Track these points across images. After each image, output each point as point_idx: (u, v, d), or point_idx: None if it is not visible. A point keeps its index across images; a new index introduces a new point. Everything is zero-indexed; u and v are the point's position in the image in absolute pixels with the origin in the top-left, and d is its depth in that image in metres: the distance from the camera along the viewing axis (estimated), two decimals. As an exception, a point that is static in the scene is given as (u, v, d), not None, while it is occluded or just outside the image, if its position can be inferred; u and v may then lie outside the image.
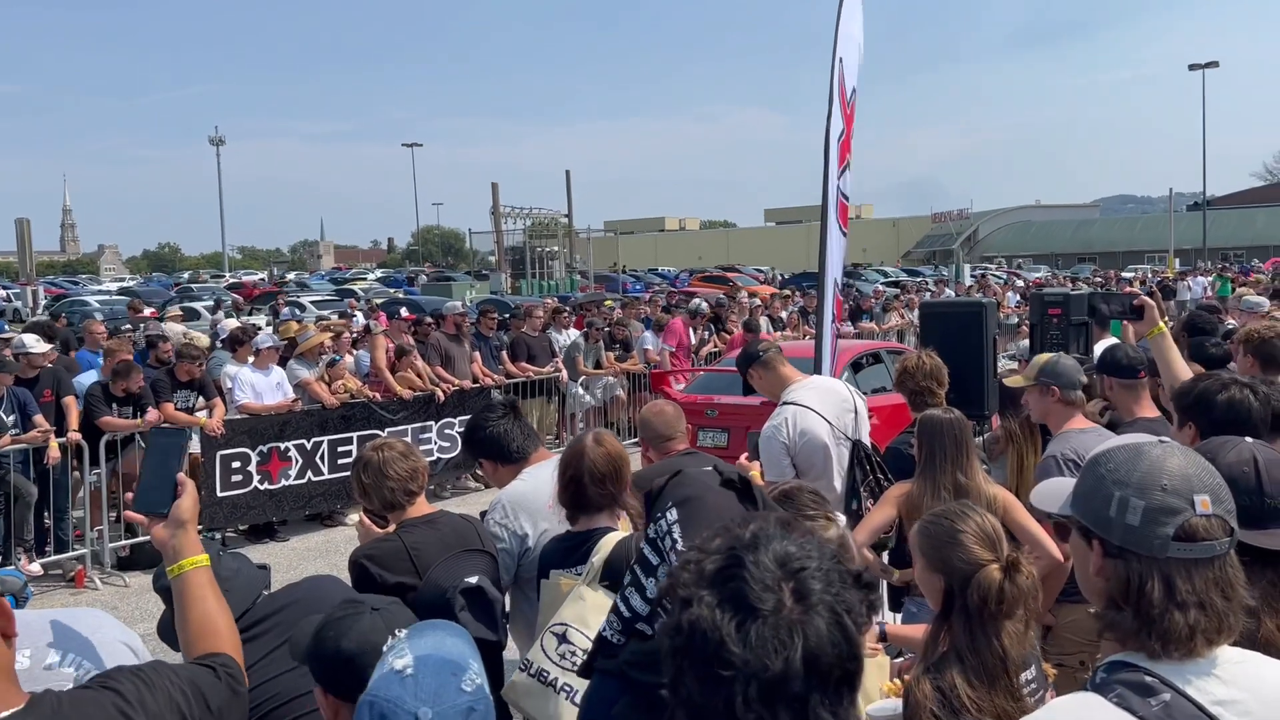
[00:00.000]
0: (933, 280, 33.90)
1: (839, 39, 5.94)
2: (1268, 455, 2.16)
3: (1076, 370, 4.28)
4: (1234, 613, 1.52)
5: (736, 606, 1.19)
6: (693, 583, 1.23)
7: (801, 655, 1.16)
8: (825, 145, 5.79)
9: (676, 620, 1.22)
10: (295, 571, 7.89)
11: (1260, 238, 62.49)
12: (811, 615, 1.19)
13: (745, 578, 1.21)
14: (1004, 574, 2.41)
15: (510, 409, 3.58)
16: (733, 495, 2.10)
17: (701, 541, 1.29)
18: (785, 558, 1.23)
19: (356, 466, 3.30)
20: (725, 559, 1.23)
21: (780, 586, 1.20)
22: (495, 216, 39.70)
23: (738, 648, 1.16)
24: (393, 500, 3.23)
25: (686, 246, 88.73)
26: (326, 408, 9.62)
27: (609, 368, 12.97)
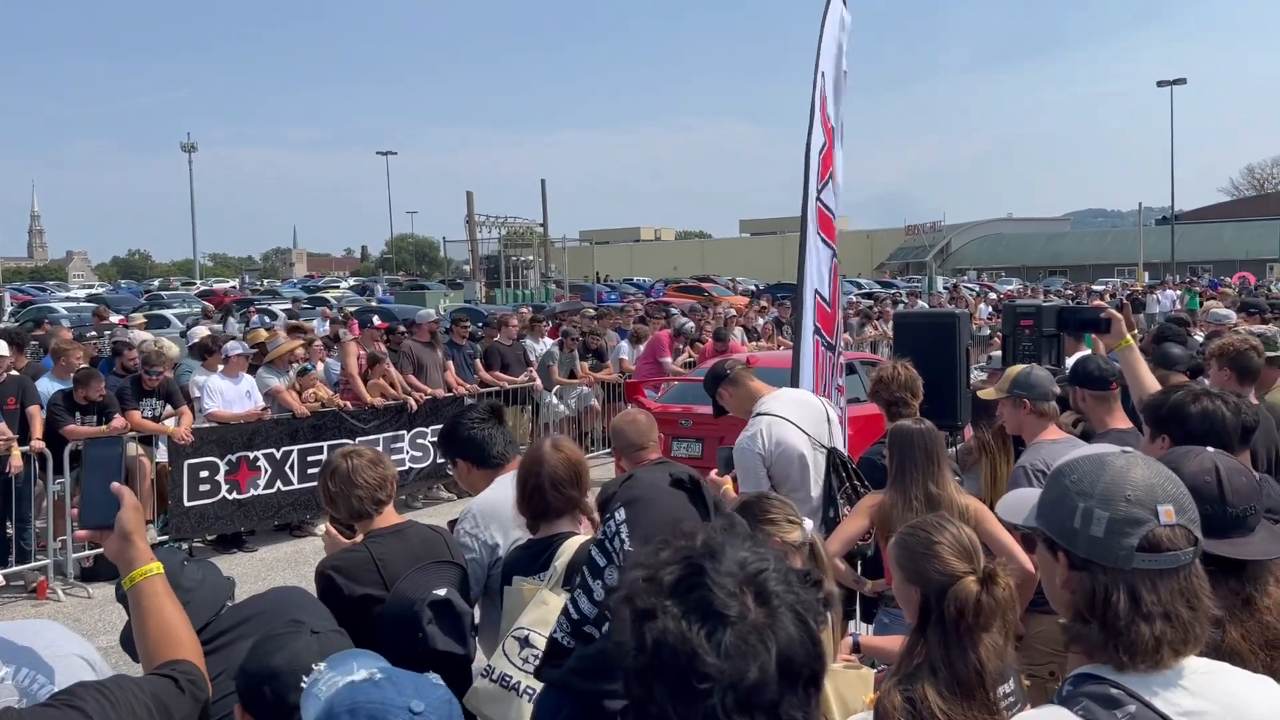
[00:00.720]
0: (905, 292, 34.11)
1: (821, 53, 5.97)
2: (1229, 464, 2.16)
3: (1049, 382, 4.30)
4: (1200, 623, 1.52)
5: (704, 616, 1.15)
6: (653, 595, 1.18)
7: (775, 659, 1.15)
8: (806, 157, 5.81)
9: (639, 638, 1.16)
10: (263, 582, 7.79)
11: (1227, 251, 63.35)
12: (777, 618, 1.17)
13: (708, 585, 1.17)
14: (981, 585, 2.40)
15: (494, 413, 3.54)
16: (683, 495, 2.09)
17: (649, 554, 1.24)
18: (742, 562, 1.20)
19: (324, 474, 3.24)
20: (684, 568, 1.20)
21: (743, 591, 1.17)
22: (470, 225, 39.61)
23: (713, 658, 1.13)
24: (361, 509, 3.18)
25: (662, 256, 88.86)
26: (297, 416, 9.53)
27: (583, 377, 12.94)
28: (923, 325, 5.88)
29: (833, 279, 6.25)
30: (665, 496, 2.11)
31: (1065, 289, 37.58)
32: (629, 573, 1.23)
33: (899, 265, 74.58)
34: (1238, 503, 2.11)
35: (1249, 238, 63.80)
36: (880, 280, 55.09)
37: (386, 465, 3.27)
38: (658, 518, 2.06)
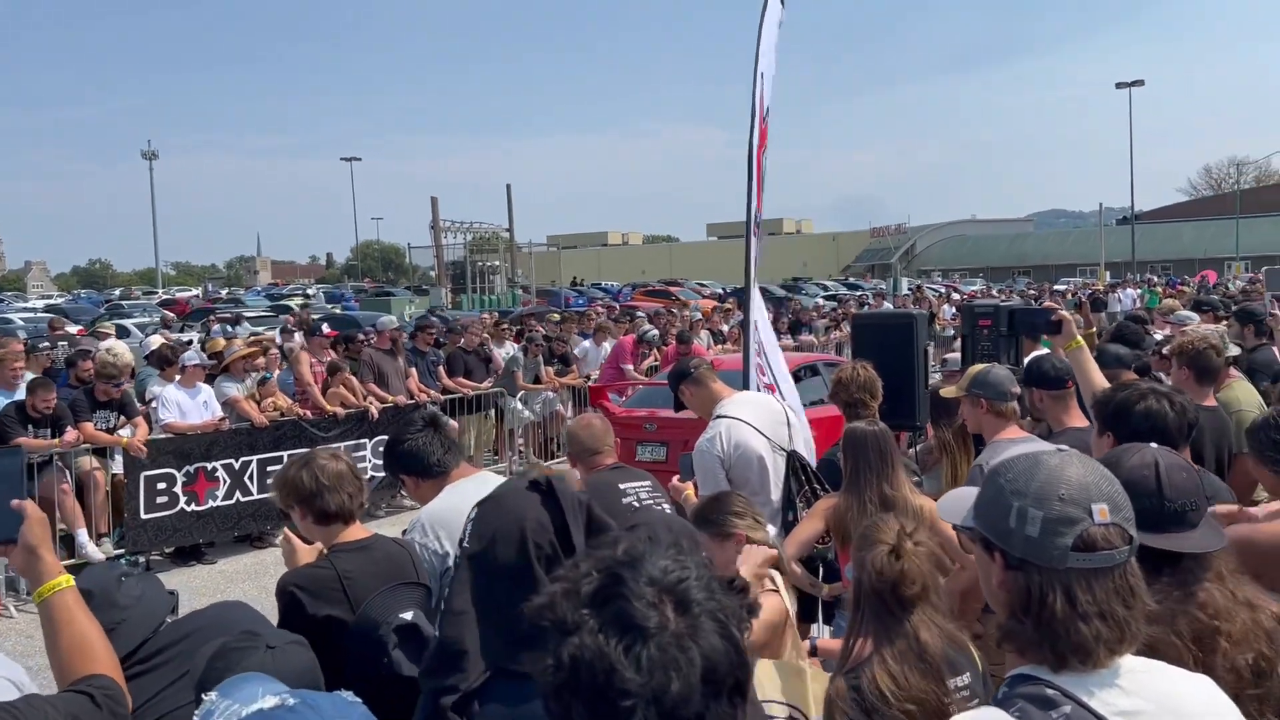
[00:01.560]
0: (871, 293, 34.33)
1: (760, 55, 5.99)
2: (1170, 460, 2.16)
3: (1008, 381, 4.30)
4: (1135, 621, 1.51)
5: (622, 629, 1.12)
6: (571, 607, 1.14)
7: (699, 670, 1.11)
8: (749, 160, 5.81)
9: (556, 655, 1.13)
10: (222, 594, 7.67)
11: (1186, 251, 64.32)
12: (699, 627, 1.13)
13: (626, 596, 1.14)
14: (891, 553, 2.53)
15: (431, 423, 3.48)
16: (534, 497, 2.07)
17: (570, 565, 1.21)
18: (663, 570, 1.17)
19: (305, 468, 3.09)
20: (603, 579, 1.16)
21: (662, 601, 1.14)
22: (435, 231, 39.32)
23: (632, 673, 1.09)
24: (345, 511, 3.08)
25: (630, 261, 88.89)
26: (256, 426, 9.40)
27: (548, 382, 12.88)
28: (881, 327, 5.88)
29: None
30: (511, 497, 2.10)
31: (1029, 289, 37.97)
32: (550, 585, 1.19)
33: (865, 267, 75.08)
34: (1176, 498, 2.11)
35: (1207, 237, 64.83)
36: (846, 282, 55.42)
37: (359, 474, 3.22)
38: (500, 516, 2.06)
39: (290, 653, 2.06)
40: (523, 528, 2.04)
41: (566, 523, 2.07)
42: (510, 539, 2.03)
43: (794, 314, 22.41)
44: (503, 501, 2.12)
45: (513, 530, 2.04)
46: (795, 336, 19.08)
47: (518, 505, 2.09)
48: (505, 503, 2.11)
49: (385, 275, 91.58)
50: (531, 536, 2.04)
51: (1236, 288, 26.50)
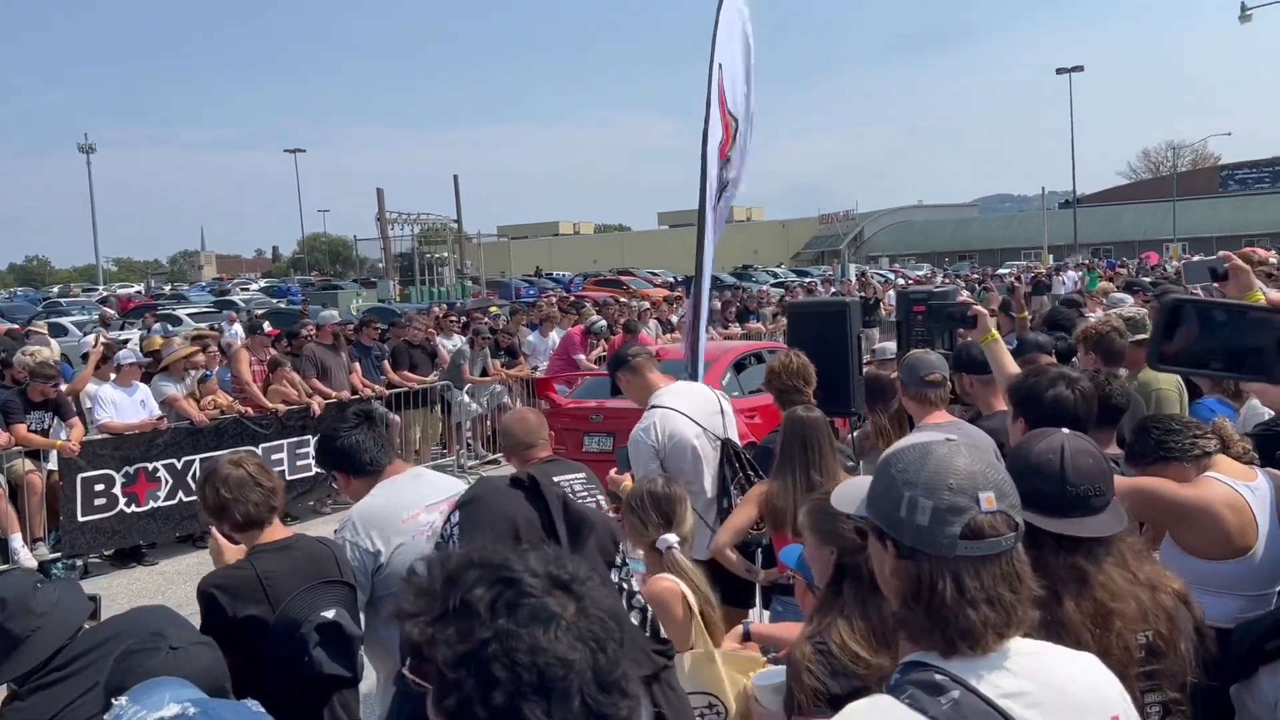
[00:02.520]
0: (819, 280, 34.60)
1: (717, 46, 5.98)
2: (1075, 445, 2.22)
3: (927, 367, 4.35)
4: (1022, 605, 1.55)
5: (542, 621, 1.17)
6: (480, 625, 1.16)
7: (618, 636, 1.20)
8: (703, 152, 5.82)
9: (489, 675, 1.14)
10: (163, 596, 7.57)
11: (1127, 233, 65.61)
12: (593, 601, 1.21)
13: (528, 593, 1.19)
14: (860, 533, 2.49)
15: (364, 419, 3.47)
16: (519, 494, 2.08)
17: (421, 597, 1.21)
18: (537, 565, 1.22)
19: (210, 481, 3.09)
20: (496, 588, 1.19)
21: (553, 590, 1.20)
22: (381, 223, 38.93)
23: (567, 651, 1.15)
24: (257, 517, 3.07)
25: (581, 250, 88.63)
26: (196, 425, 9.27)
27: (495, 375, 12.83)
28: (814, 314, 5.94)
29: None
30: (499, 495, 2.11)
31: (972, 273, 38.51)
32: (424, 624, 1.19)
33: (814, 254, 75.59)
34: (1079, 483, 2.17)
35: (1147, 219, 66.16)
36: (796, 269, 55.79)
37: (274, 474, 3.19)
38: (486, 516, 2.05)
39: (194, 653, 2.05)
40: (515, 524, 2.06)
41: (552, 517, 2.09)
42: (505, 536, 2.04)
43: (742, 302, 22.54)
44: (488, 500, 2.12)
45: (505, 528, 2.05)
46: (743, 324, 19.19)
47: (505, 503, 2.10)
48: (491, 501, 2.12)
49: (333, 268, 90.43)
50: (524, 533, 2.05)
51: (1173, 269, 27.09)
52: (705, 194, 5.87)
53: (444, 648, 1.16)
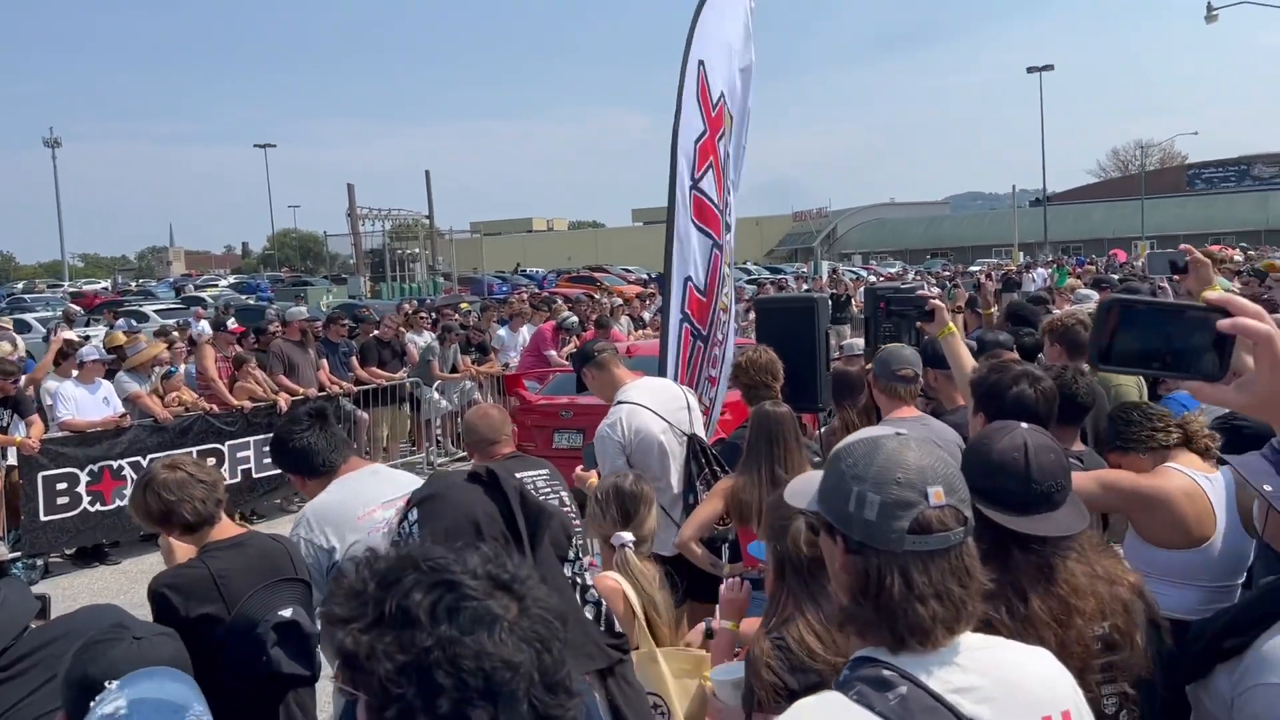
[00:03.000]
0: (792, 277, 34.71)
1: (694, 42, 5.95)
2: (1038, 441, 2.21)
3: (899, 362, 4.36)
4: (972, 600, 1.53)
5: (486, 624, 1.13)
6: (423, 634, 1.12)
7: (560, 635, 1.17)
8: (673, 146, 5.78)
9: (432, 683, 1.10)
10: (125, 595, 7.47)
11: (1096, 231, 66.30)
12: (534, 600, 1.18)
13: (470, 596, 1.15)
14: (811, 528, 2.47)
15: (317, 418, 3.42)
16: (478, 489, 2.06)
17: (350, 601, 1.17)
18: (476, 566, 1.19)
19: (149, 489, 3.02)
20: (437, 591, 1.15)
21: (494, 591, 1.17)
22: (352, 219, 38.65)
23: (512, 654, 1.12)
24: (205, 514, 3.01)
25: (555, 247, 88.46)
26: (160, 422, 9.15)
27: (465, 371, 12.76)
28: (782, 310, 5.93)
29: (712, 268, 6.23)
30: (456, 491, 2.07)
31: (944, 270, 38.76)
32: (376, 643, 1.13)
33: (788, 251, 75.84)
34: (1042, 480, 2.17)
35: (1116, 217, 66.86)
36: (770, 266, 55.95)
37: (213, 470, 3.14)
38: (447, 512, 2.02)
39: (157, 644, 2.02)
40: (476, 521, 2.03)
41: (512, 512, 2.06)
42: (465, 533, 2.01)
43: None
44: (447, 497, 2.09)
45: (466, 525, 2.02)
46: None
47: (465, 499, 2.07)
48: (450, 498, 2.08)
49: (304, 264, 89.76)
50: (486, 529, 2.03)
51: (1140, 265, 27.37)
52: (676, 190, 5.84)
53: (384, 659, 1.11)
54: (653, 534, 3.45)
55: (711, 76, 6.01)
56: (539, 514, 2.07)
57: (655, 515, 3.47)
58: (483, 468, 2.12)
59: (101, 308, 28.78)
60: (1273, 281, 9.56)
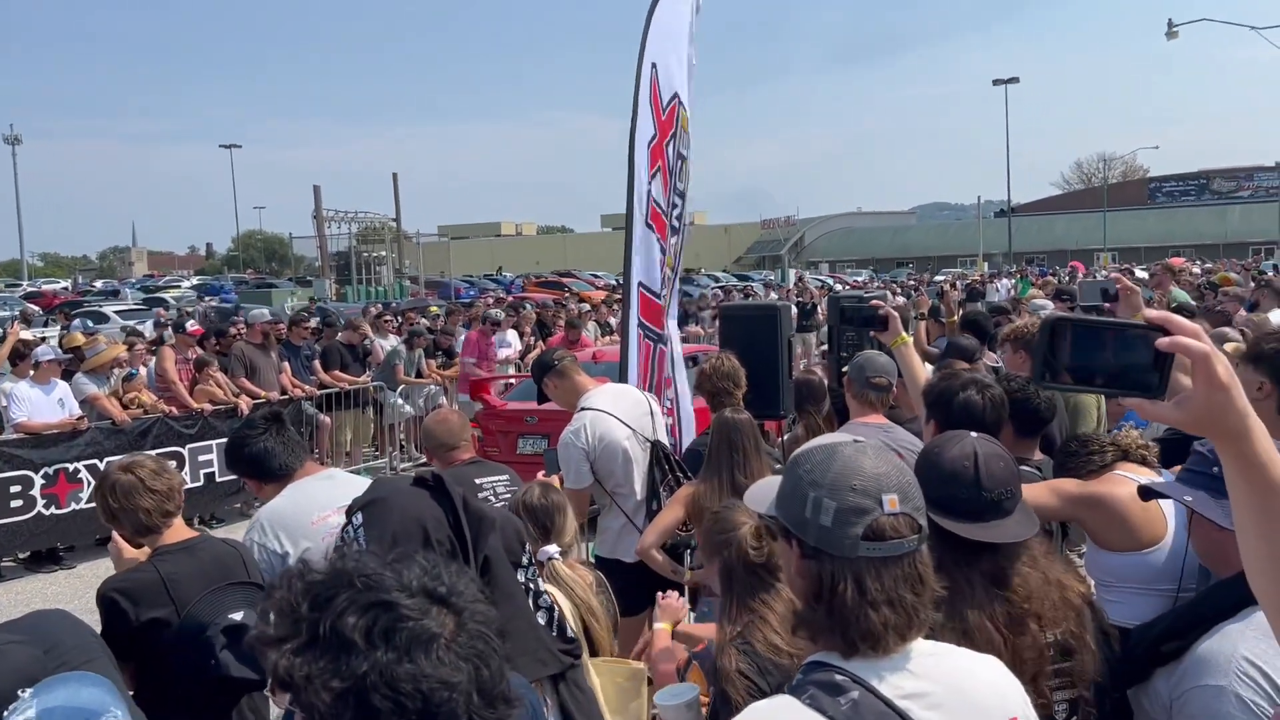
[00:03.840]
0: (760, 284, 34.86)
1: (648, 44, 5.96)
2: (988, 450, 2.24)
3: (875, 369, 4.36)
4: (924, 607, 1.55)
5: (422, 645, 1.11)
6: (360, 658, 1.09)
7: (498, 648, 1.16)
8: (630, 150, 5.79)
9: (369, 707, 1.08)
10: (80, 600, 7.35)
11: (1060, 242, 67.16)
12: (469, 614, 1.17)
13: (405, 616, 1.12)
14: (754, 534, 2.56)
15: (273, 422, 3.40)
16: (424, 493, 2.05)
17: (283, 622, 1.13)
18: (411, 580, 1.17)
19: (102, 488, 3.05)
20: (372, 612, 1.12)
21: (429, 608, 1.15)
22: (318, 220, 38.39)
23: (451, 674, 1.11)
24: (149, 524, 3.00)
25: (524, 251, 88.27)
26: (118, 424, 9.02)
27: (430, 376, 12.68)
28: (746, 317, 5.97)
29: (660, 270, 6.25)
30: (401, 496, 2.06)
31: (909, 279, 39.08)
32: (310, 666, 1.10)
33: (756, 259, 76.14)
34: (993, 487, 2.20)
35: (1079, 229, 67.77)
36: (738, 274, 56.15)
37: (172, 474, 3.11)
38: (394, 516, 2.00)
39: (7, 652, 1.98)
40: (424, 525, 2.02)
41: (459, 517, 2.05)
42: (413, 538, 1.99)
43: (681, 305, 22.58)
44: (393, 501, 2.07)
45: (414, 529, 2.00)
46: (682, 328, 19.23)
47: (411, 504, 2.05)
48: (396, 502, 2.07)
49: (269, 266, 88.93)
50: (433, 533, 2.01)
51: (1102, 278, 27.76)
52: (634, 195, 5.86)
53: (318, 684, 1.08)
54: (576, 536, 3.45)
55: (662, 78, 6.03)
56: (480, 520, 2.07)
57: (572, 519, 3.46)
58: (428, 472, 2.11)
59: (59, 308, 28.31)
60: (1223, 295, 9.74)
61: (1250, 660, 1.84)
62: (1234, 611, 1.96)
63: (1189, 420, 1.22)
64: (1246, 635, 1.88)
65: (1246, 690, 1.81)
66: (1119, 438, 2.98)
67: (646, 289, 5.92)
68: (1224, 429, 1.21)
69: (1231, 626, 1.93)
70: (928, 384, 3.33)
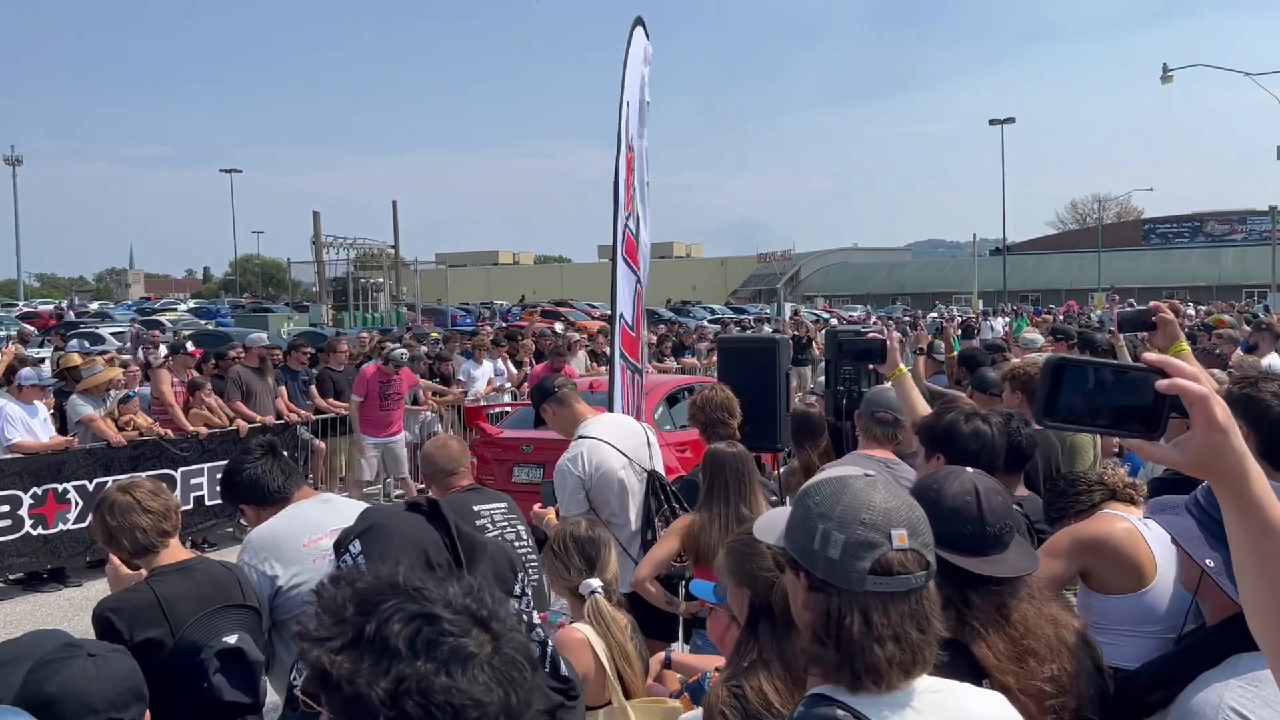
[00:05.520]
0: (753, 318, 34.92)
1: (626, 83, 6.08)
2: (987, 484, 2.26)
3: (883, 404, 4.31)
4: (929, 645, 1.55)
5: (460, 662, 1.13)
6: (403, 664, 1.11)
7: (530, 676, 1.17)
8: (615, 184, 5.88)
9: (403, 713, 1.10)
10: (72, 622, 7.30)
11: (1054, 281, 67.51)
12: (507, 640, 1.18)
13: (447, 631, 1.14)
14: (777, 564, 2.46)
15: (269, 450, 3.41)
16: (420, 518, 2.05)
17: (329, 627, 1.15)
18: (455, 598, 1.19)
19: (100, 509, 3.05)
20: (415, 623, 1.14)
21: (470, 628, 1.17)
22: (316, 246, 38.49)
23: (483, 693, 1.12)
24: (146, 544, 3.00)
25: (520, 280, 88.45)
26: (112, 446, 8.99)
27: (426, 403, 12.66)
28: (743, 350, 5.99)
29: (636, 304, 6.31)
30: (399, 521, 2.06)
31: (904, 315, 39.20)
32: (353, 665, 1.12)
33: (752, 292, 76.33)
34: (994, 521, 2.21)
35: (1073, 268, 68.15)
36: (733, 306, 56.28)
37: (168, 495, 3.11)
38: (394, 541, 2.01)
39: (112, 661, 2.00)
40: (425, 550, 2.02)
41: (454, 540, 2.06)
42: (416, 563, 1.99)
43: (678, 336, 22.63)
44: (391, 527, 2.07)
45: (416, 555, 2.00)
46: (678, 359, 19.27)
47: (410, 529, 2.05)
48: (394, 527, 2.06)
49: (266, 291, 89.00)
50: (433, 556, 2.02)
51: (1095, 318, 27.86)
52: (617, 228, 5.94)
53: (361, 682, 1.11)
54: (616, 576, 3.44)
55: (629, 115, 6.15)
56: (473, 546, 2.07)
57: (615, 556, 3.46)
58: (422, 497, 2.12)
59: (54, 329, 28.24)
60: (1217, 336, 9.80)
61: (1236, 710, 1.84)
62: (1217, 661, 1.95)
63: (1187, 462, 1.23)
64: (1232, 686, 1.88)
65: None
66: (1105, 476, 2.99)
67: (624, 320, 6.00)
68: (1222, 471, 1.23)
69: (1218, 677, 1.93)
70: (928, 418, 3.34)
